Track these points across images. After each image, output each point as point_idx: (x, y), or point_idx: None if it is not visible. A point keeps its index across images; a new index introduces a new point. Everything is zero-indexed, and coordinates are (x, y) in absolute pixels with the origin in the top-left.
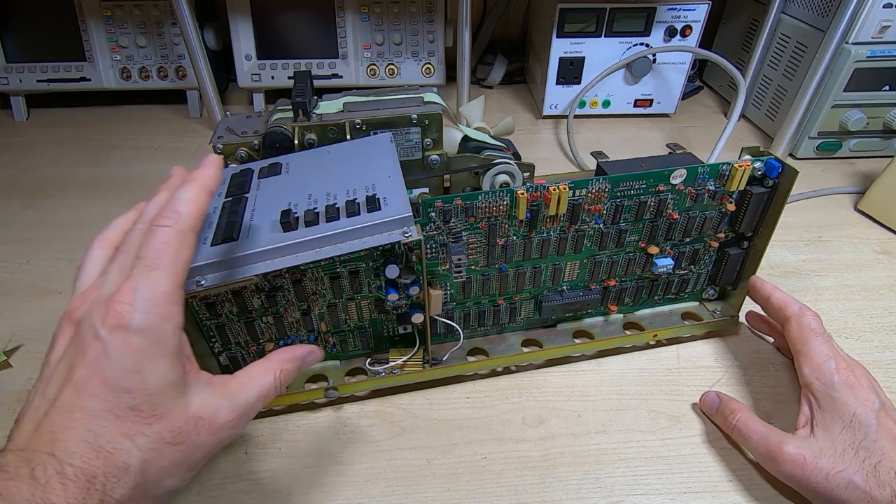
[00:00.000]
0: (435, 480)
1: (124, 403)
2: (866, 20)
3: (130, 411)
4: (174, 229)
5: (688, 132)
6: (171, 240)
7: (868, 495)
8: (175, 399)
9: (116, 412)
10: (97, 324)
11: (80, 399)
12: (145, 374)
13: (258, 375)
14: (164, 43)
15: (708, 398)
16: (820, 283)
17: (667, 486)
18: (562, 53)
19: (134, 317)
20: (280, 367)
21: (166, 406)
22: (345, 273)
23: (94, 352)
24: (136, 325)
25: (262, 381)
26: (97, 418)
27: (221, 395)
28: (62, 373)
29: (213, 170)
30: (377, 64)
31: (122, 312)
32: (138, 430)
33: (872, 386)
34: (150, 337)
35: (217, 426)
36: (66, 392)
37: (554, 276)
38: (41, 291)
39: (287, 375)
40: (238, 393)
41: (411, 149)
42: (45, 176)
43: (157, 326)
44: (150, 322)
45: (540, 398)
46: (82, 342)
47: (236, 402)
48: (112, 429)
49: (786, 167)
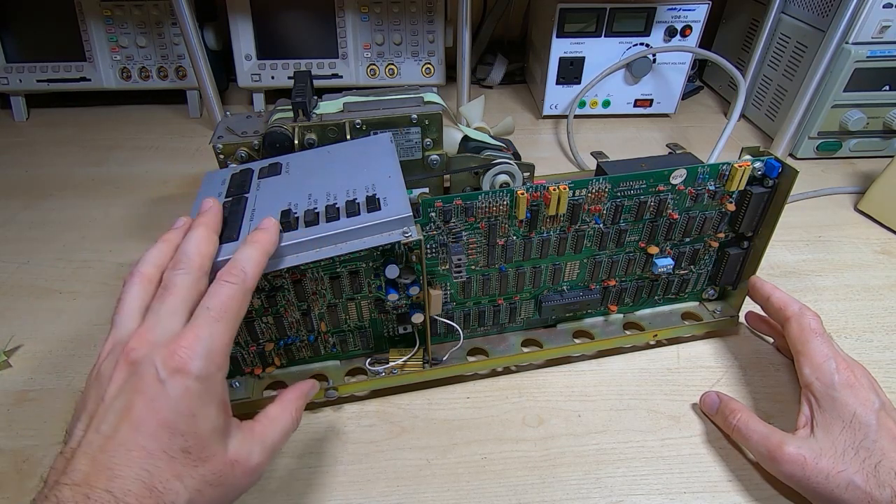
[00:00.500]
0: (435, 480)
1: (178, 445)
2: (866, 20)
3: (182, 453)
4: (240, 287)
5: (688, 132)
6: (236, 296)
7: (868, 495)
8: (219, 444)
9: (171, 453)
10: (158, 366)
11: (138, 438)
12: (199, 418)
13: (279, 417)
14: (164, 43)
15: (708, 398)
16: (820, 283)
17: (667, 486)
18: (562, 53)
19: (195, 364)
20: (294, 405)
21: (212, 450)
22: (345, 273)
23: (153, 392)
24: (196, 371)
25: (283, 421)
26: (153, 458)
27: (251, 439)
28: (119, 411)
29: (274, 235)
30: (377, 64)
31: (185, 358)
32: (187, 472)
33: (872, 386)
34: (206, 384)
35: (251, 468)
36: (123, 429)
37: (554, 276)
38: (41, 291)
39: (300, 413)
40: (265, 435)
41: (411, 149)
42: (45, 176)
43: (213, 375)
44: (209, 370)
45: (540, 398)
46: (142, 381)
47: (265, 444)
48: (165, 469)
49: (786, 167)
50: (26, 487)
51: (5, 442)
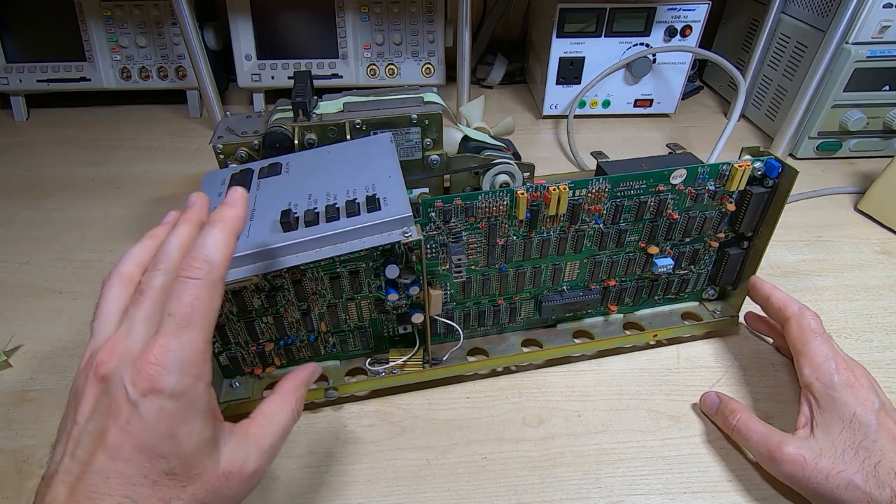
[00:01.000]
0: (435, 480)
1: (160, 468)
2: (866, 20)
3: (166, 476)
4: (205, 281)
5: (688, 132)
6: (203, 294)
7: (868, 496)
8: (208, 457)
9: (152, 478)
10: (128, 386)
11: (115, 465)
12: (180, 437)
13: (276, 412)
14: (164, 43)
15: (708, 399)
16: (820, 283)
17: (667, 486)
18: (562, 53)
19: (167, 380)
20: (293, 397)
21: (200, 466)
22: (345, 273)
23: (126, 416)
24: (170, 388)
25: (281, 417)
26: (134, 485)
27: (246, 443)
28: (93, 435)
29: (241, 210)
30: (377, 64)
31: (155, 375)
32: (175, 494)
33: (872, 386)
34: (183, 399)
35: (247, 475)
36: (99, 457)
37: (554, 276)
38: (41, 291)
39: (300, 403)
40: (261, 436)
41: (411, 149)
42: (45, 176)
43: (191, 388)
44: (185, 384)
45: (540, 398)
46: (114, 404)
47: (262, 446)
48: (149, 494)
49: (786, 167)
50: (26, 487)
51: (5, 442)
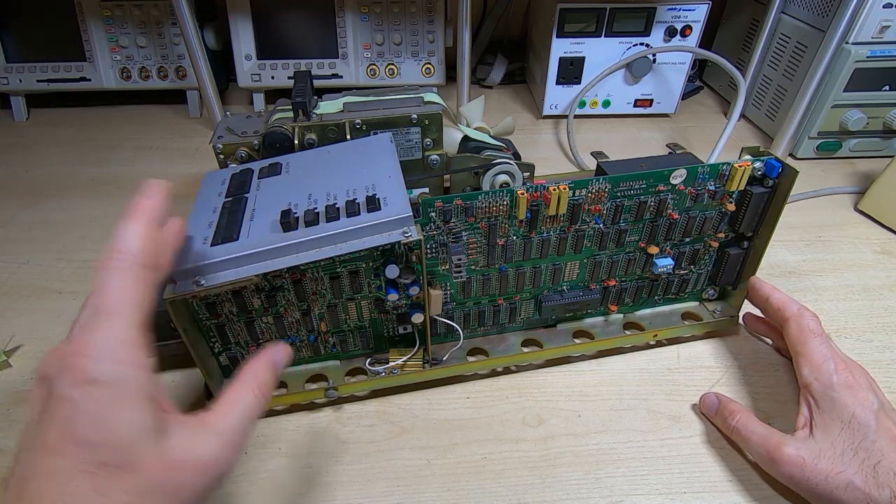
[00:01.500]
0: (435, 480)
1: (94, 459)
2: (866, 20)
3: (102, 466)
4: (129, 270)
5: (688, 132)
6: (123, 282)
7: (867, 496)
8: (149, 446)
9: (88, 470)
10: (63, 381)
11: (54, 461)
12: (113, 425)
13: (236, 398)
14: (164, 43)
15: (707, 399)
16: (820, 283)
17: (667, 486)
18: (562, 53)
19: (97, 369)
20: (255, 379)
21: (138, 455)
22: (345, 273)
23: (59, 411)
24: (100, 377)
25: (242, 402)
26: (71, 479)
27: (202, 430)
28: (37, 436)
29: (154, 199)
30: (377, 64)
31: (83, 367)
32: (113, 486)
33: (871, 386)
34: (115, 387)
35: (203, 464)
36: (41, 457)
37: (554, 276)
38: (41, 291)
39: (266, 386)
40: (219, 423)
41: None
42: (45, 176)
43: (126, 374)
44: (117, 371)
45: (540, 398)
46: (50, 402)
47: (221, 433)
48: (87, 488)
49: (786, 167)
50: None
51: (5, 442)
